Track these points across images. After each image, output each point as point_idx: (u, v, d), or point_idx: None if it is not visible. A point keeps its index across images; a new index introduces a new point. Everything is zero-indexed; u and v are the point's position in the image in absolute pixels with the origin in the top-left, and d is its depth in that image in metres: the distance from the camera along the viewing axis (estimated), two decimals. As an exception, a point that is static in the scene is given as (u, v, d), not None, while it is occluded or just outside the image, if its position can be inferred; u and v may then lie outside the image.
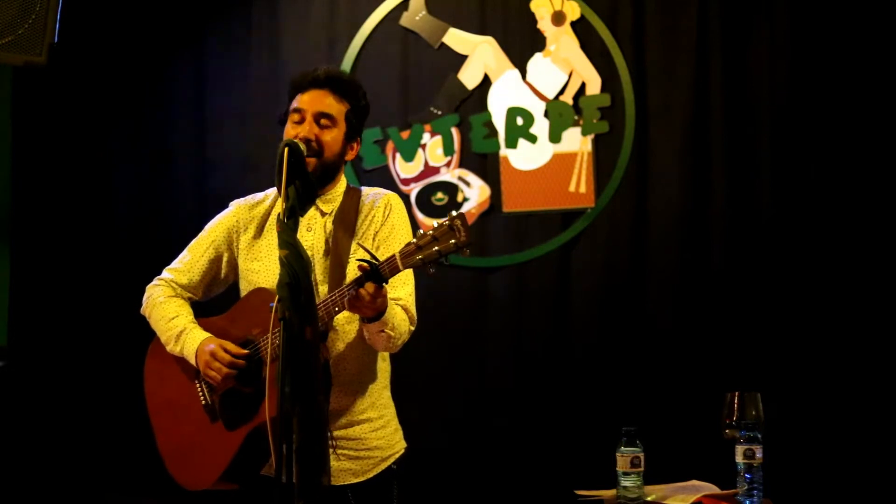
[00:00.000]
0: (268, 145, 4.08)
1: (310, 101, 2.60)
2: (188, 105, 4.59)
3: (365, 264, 2.27)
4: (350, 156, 2.68)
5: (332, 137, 2.60)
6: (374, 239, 2.61)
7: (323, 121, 2.59)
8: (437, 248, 2.22)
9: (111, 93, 4.58)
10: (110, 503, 4.32)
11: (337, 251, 2.57)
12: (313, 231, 2.62)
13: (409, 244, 2.26)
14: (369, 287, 2.28)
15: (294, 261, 2.07)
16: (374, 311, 2.36)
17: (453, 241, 2.21)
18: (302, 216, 2.60)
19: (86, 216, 4.55)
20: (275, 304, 2.05)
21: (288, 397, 1.98)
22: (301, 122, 2.59)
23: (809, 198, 4.02)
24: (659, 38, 4.21)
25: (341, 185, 2.70)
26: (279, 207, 2.34)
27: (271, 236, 2.64)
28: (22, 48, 3.31)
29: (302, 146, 2.39)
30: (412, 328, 2.57)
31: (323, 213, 2.65)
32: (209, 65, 4.59)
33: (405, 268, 2.26)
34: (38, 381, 4.40)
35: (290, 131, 2.58)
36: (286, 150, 2.27)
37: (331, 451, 2.52)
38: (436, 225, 2.24)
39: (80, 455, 4.37)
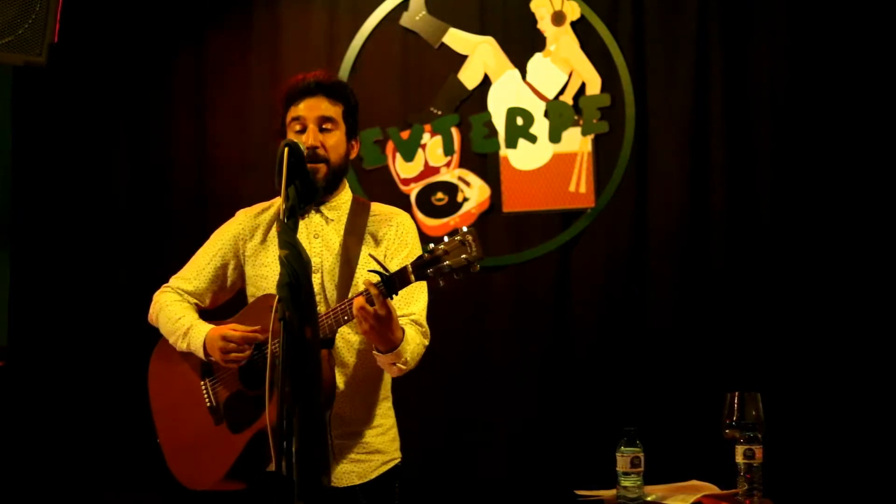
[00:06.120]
0: (268, 145, 4.08)
1: (307, 108, 2.63)
2: (188, 105, 4.59)
3: (376, 275, 2.30)
4: (352, 154, 2.72)
5: (336, 140, 2.64)
6: (384, 256, 2.64)
7: (325, 125, 2.63)
8: (448, 262, 2.26)
9: (111, 93, 4.57)
10: (109, 502, 4.31)
11: (347, 260, 2.58)
12: (321, 238, 2.64)
13: (419, 257, 2.30)
14: (378, 299, 2.30)
15: (294, 261, 2.07)
16: (382, 336, 2.37)
17: (465, 255, 2.24)
18: (302, 217, 2.61)
19: (86, 216, 4.55)
20: (274, 305, 2.05)
21: (288, 397, 1.98)
22: (303, 130, 2.62)
23: (809, 198, 4.02)
24: (659, 38, 4.21)
25: (346, 192, 2.73)
26: (284, 214, 2.36)
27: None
28: (22, 48, 3.32)
29: (303, 147, 2.39)
30: (426, 342, 2.60)
31: (328, 220, 2.66)
32: (209, 65, 4.58)
33: (416, 280, 2.30)
34: (38, 381, 4.40)
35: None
36: (286, 150, 2.28)
37: (335, 454, 2.57)
38: (446, 239, 2.26)
39: (80, 454, 4.36)
